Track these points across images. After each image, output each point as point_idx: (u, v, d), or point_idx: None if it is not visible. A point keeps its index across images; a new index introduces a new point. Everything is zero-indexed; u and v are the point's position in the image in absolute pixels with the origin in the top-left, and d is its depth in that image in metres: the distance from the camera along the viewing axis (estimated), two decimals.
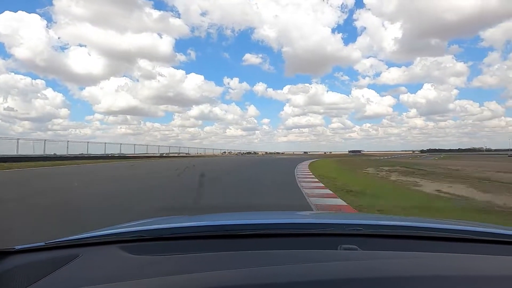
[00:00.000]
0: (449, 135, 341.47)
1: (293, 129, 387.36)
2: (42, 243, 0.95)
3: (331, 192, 7.51)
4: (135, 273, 0.74)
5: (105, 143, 36.49)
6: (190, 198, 6.40)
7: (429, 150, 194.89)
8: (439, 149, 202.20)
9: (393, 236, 1.01)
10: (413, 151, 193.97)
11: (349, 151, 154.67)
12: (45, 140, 28.46)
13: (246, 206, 5.62)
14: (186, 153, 51.90)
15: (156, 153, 43.41)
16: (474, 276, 0.68)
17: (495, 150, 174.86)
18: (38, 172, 13.35)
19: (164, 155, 45.51)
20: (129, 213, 4.70)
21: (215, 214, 2.42)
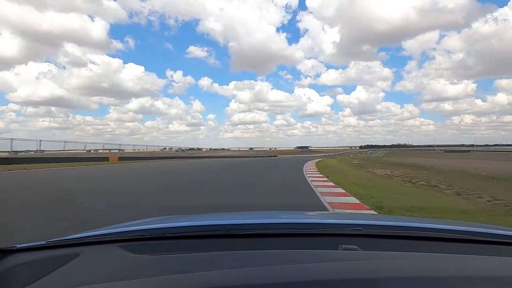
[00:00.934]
0: (377, 133, 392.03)
1: (238, 125, 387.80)
2: (43, 242, 0.94)
3: None
4: (135, 272, 0.73)
5: (12, 139, 24.30)
6: None
7: (367, 146, 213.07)
8: (374, 145, 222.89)
9: (394, 236, 1.00)
10: (350, 147, 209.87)
11: (296, 147, 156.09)
12: None
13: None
14: (118, 149, 41.26)
15: (83, 150, 32.91)
16: (475, 277, 0.68)
17: (417, 146, 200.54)
18: None
19: (92, 151, 35.43)
20: None
21: (216, 214, 2.54)
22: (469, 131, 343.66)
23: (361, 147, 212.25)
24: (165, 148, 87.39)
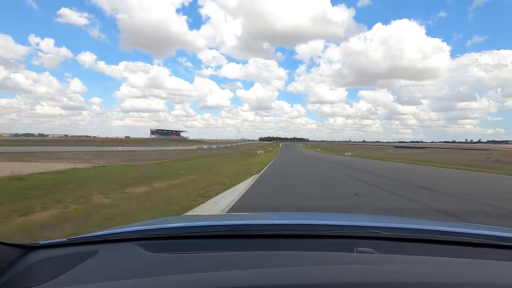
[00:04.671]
0: (270, 128, 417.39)
1: (131, 112, 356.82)
2: (65, 239, 0.99)
3: None
4: (151, 270, 0.76)
5: None
6: None
7: (267, 138, 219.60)
8: (276, 137, 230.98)
9: (412, 239, 0.98)
10: (248, 140, 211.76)
11: (153, 132, 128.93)
12: None
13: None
14: None
15: None
16: (498, 284, 0.65)
17: (312, 141, 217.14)
18: None
19: None
20: None
21: (231, 215, 2.95)
22: (340, 131, 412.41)
23: (260, 139, 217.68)
24: None
